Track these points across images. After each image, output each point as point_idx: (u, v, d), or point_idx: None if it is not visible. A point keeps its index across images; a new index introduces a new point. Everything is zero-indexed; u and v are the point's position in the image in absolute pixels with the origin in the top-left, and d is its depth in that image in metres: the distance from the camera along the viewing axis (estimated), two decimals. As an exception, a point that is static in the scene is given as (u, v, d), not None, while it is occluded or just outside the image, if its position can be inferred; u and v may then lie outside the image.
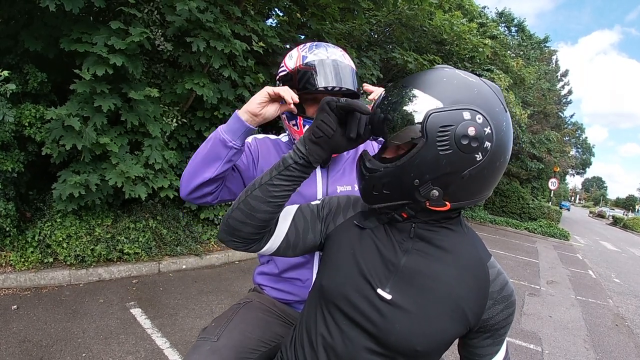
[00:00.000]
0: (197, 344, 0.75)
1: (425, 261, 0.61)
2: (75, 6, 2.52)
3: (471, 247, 0.63)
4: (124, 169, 2.83)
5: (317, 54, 0.84)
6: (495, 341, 0.63)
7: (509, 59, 7.85)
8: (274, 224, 0.65)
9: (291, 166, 0.59)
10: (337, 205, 0.70)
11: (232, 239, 0.63)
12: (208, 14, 2.95)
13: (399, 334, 0.58)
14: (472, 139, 0.52)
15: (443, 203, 0.57)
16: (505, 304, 0.61)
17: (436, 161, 0.53)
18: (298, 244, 0.67)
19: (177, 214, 3.65)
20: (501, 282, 0.62)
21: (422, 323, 0.58)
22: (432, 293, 0.59)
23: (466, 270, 0.61)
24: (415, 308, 0.58)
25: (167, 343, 2.14)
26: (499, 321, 0.61)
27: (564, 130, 19.27)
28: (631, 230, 20.79)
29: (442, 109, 0.53)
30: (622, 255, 9.73)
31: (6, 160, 2.68)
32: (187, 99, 3.49)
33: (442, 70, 0.58)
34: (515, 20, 14.02)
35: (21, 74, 2.89)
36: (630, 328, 3.66)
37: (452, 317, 0.59)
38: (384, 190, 0.58)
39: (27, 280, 2.65)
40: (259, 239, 0.64)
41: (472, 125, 0.52)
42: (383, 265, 0.62)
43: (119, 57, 2.67)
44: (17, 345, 1.95)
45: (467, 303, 0.59)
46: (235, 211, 0.61)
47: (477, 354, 0.64)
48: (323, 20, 4.50)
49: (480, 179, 0.56)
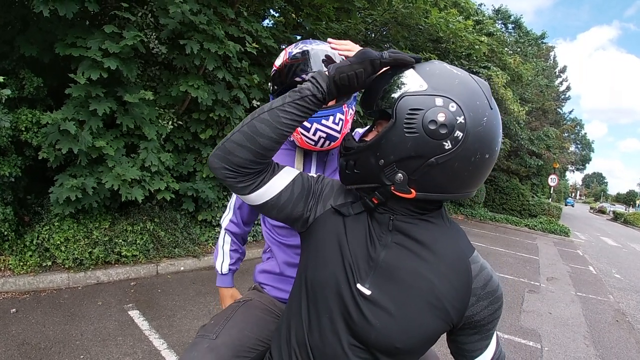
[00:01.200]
0: (196, 341, 0.75)
1: (405, 256, 0.59)
2: (69, 11, 2.53)
3: (453, 241, 0.61)
4: (120, 171, 2.84)
5: (303, 47, 0.86)
6: (483, 336, 0.62)
7: (506, 56, 7.86)
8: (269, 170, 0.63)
9: (308, 97, 0.58)
10: (331, 187, 0.68)
11: (224, 164, 0.58)
12: (201, 16, 2.96)
13: (379, 332, 0.57)
14: (441, 126, 0.52)
15: (408, 190, 0.56)
16: (489, 300, 0.59)
17: (401, 142, 0.53)
18: (286, 208, 0.64)
19: (175, 216, 3.66)
20: (485, 277, 0.59)
21: (401, 320, 0.57)
22: (411, 289, 0.57)
23: (447, 265, 0.59)
24: (394, 305, 0.57)
25: (165, 344, 2.14)
26: (485, 317, 0.59)
27: (563, 127, 19.25)
28: (632, 226, 20.73)
29: (416, 92, 0.54)
30: (622, 250, 9.70)
31: (4, 165, 2.69)
32: (183, 101, 3.50)
33: (431, 61, 0.59)
34: (512, 17, 14.01)
35: (17, 79, 2.91)
36: (631, 324, 3.66)
37: (433, 314, 0.57)
38: (355, 170, 0.59)
39: (25, 284, 2.66)
40: (251, 174, 0.60)
41: (443, 112, 0.52)
42: (363, 259, 0.60)
43: (114, 60, 2.68)
44: (16, 348, 1.96)
45: (448, 299, 0.57)
46: (237, 134, 0.58)
47: (466, 349, 0.63)
48: (318, 20, 4.51)
49: (450, 171, 0.54)
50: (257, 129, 0.57)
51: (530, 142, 11.88)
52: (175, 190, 3.36)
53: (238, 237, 1.06)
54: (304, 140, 0.86)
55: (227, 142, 0.59)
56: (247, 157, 0.58)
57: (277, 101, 0.59)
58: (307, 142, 0.86)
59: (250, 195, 0.62)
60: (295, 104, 0.58)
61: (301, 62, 0.83)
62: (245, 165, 0.59)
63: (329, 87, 0.58)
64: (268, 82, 4.08)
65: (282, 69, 0.86)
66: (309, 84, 0.58)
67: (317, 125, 0.83)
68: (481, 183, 0.60)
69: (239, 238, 1.06)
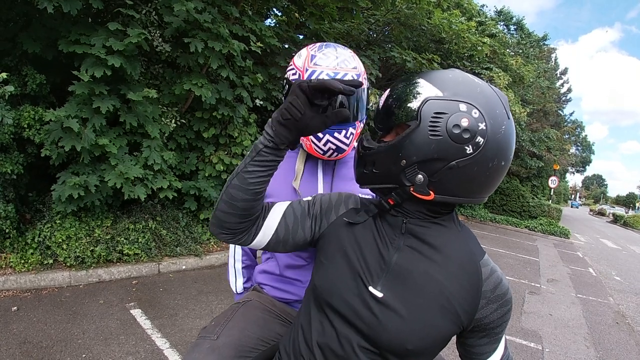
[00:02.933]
0: (197, 342, 0.76)
1: (417, 259, 0.60)
2: (73, 8, 2.52)
3: (464, 244, 0.62)
4: (123, 170, 2.83)
5: (326, 54, 0.84)
6: (491, 340, 0.63)
7: (508, 57, 7.86)
8: (261, 217, 0.65)
9: (262, 151, 0.59)
10: (329, 202, 0.70)
11: (220, 231, 0.63)
12: (206, 15, 2.95)
13: (390, 333, 0.58)
14: (464, 130, 0.53)
15: (427, 191, 0.57)
16: (499, 303, 0.60)
17: (425, 144, 0.54)
18: (288, 240, 0.67)
19: (177, 214, 3.65)
20: (495, 280, 0.61)
21: (413, 322, 0.58)
22: (423, 291, 0.58)
23: (458, 268, 0.60)
24: (406, 307, 0.58)
25: (167, 343, 2.14)
26: (494, 320, 0.60)
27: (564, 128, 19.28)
28: (631, 228, 20.76)
29: (440, 97, 0.55)
30: (622, 252, 9.72)
31: (5, 162, 2.68)
32: (186, 99, 3.49)
33: (452, 69, 0.60)
34: (514, 18, 14.01)
35: (20, 76, 2.89)
36: (631, 326, 3.66)
37: (444, 316, 0.58)
38: (374, 170, 0.60)
39: (27, 282, 2.65)
40: (246, 230, 0.64)
41: (466, 117, 0.54)
42: (375, 262, 0.61)
43: (117, 58, 2.67)
44: (17, 346, 1.96)
45: (458, 302, 0.58)
46: (220, 203, 0.62)
47: (474, 352, 0.64)
48: (321, 19, 4.50)
49: (469, 175, 0.56)
50: (233, 195, 0.60)
51: (531, 143, 11.88)
52: (178, 188, 3.35)
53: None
54: (313, 148, 0.87)
55: (216, 211, 0.63)
56: (235, 221, 0.62)
57: (241, 164, 0.61)
58: (316, 150, 0.87)
59: (253, 242, 0.66)
60: (255, 162, 0.59)
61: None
62: (236, 227, 0.63)
63: (276, 130, 0.58)
64: (271, 82, 4.09)
65: (303, 72, 0.84)
66: (261, 136, 0.60)
67: (329, 137, 0.84)
68: (493, 190, 0.62)
69: (249, 249, 1.06)
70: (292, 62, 0.89)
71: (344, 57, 0.84)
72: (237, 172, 0.61)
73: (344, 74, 0.82)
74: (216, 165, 3.68)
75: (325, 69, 0.82)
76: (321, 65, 0.82)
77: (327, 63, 0.82)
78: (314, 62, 0.83)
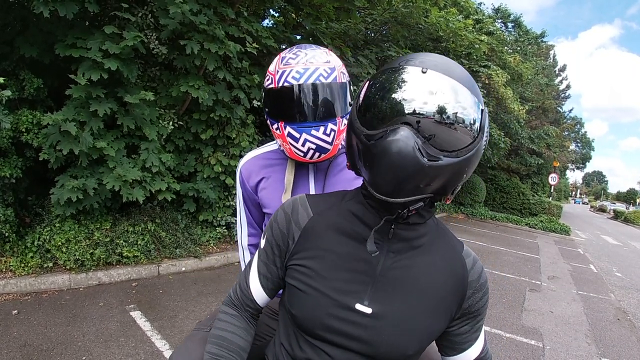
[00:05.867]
0: (191, 334, 0.77)
1: (403, 262, 0.58)
2: (69, 11, 2.53)
3: (445, 239, 0.62)
4: (121, 172, 2.83)
5: (297, 54, 0.81)
6: (473, 328, 0.63)
7: (506, 55, 7.86)
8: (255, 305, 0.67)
9: None
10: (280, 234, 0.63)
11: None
12: (201, 16, 2.96)
13: (389, 344, 0.56)
14: (483, 130, 0.55)
15: (451, 195, 0.58)
16: (483, 291, 0.62)
17: (479, 158, 0.54)
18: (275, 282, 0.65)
19: (176, 216, 3.65)
20: (478, 269, 0.62)
21: (408, 327, 0.57)
22: (413, 294, 0.58)
23: (444, 264, 0.60)
24: (399, 314, 0.57)
25: (167, 345, 2.14)
26: (479, 308, 0.62)
27: (563, 125, 19.25)
28: (632, 224, 20.73)
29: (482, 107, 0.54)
30: (623, 249, 9.70)
31: (4, 166, 2.69)
32: (183, 101, 3.50)
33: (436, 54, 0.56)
34: (511, 15, 14.01)
35: (17, 80, 2.90)
36: (632, 322, 3.65)
37: (437, 315, 0.58)
38: (430, 184, 0.51)
39: (27, 285, 2.66)
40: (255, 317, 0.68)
41: (486, 119, 0.55)
42: (358, 275, 0.57)
43: (114, 61, 2.68)
44: (17, 349, 1.96)
45: (448, 297, 0.59)
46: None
47: (457, 341, 0.63)
48: (318, 19, 4.50)
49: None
50: None
51: (530, 140, 11.88)
52: (176, 190, 3.36)
53: None
54: (293, 151, 0.82)
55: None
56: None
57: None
58: (295, 153, 0.82)
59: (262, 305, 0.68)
60: None
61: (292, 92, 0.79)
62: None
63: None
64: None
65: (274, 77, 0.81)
66: None
67: (306, 135, 0.79)
68: None
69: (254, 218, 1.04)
70: (268, 71, 0.87)
71: (315, 54, 0.82)
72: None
73: (314, 68, 0.79)
74: (214, 167, 3.69)
75: (295, 66, 0.79)
76: (290, 64, 0.80)
77: (296, 61, 0.80)
78: (283, 63, 0.81)
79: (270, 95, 0.84)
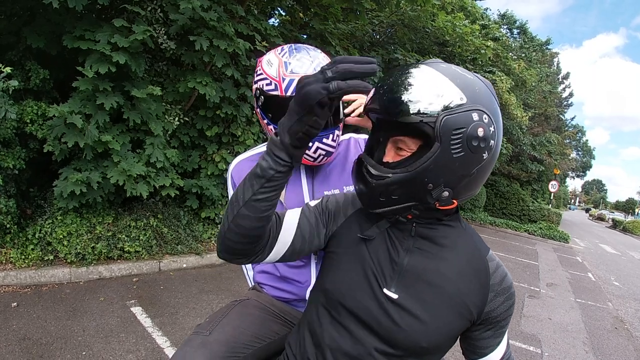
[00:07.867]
0: (190, 337, 0.76)
1: (427, 259, 0.62)
2: (78, 3, 2.51)
3: (470, 242, 0.64)
4: (125, 167, 2.82)
5: (300, 60, 0.80)
6: (496, 333, 0.64)
7: (510, 61, 7.86)
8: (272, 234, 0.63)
9: (274, 177, 0.53)
10: (336, 205, 0.70)
11: (233, 257, 0.61)
12: (211, 13, 2.95)
13: (407, 333, 0.59)
14: (481, 140, 0.54)
15: (451, 202, 0.58)
16: (505, 296, 0.63)
17: (450, 164, 0.54)
18: (304, 250, 0.66)
19: (178, 212, 3.64)
20: (501, 274, 0.63)
21: (427, 320, 0.59)
22: (435, 290, 0.60)
23: (467, 264, 0.62)
24: (420, 306, 0.60)
25: (168, 342, 2.13)
26: (501, 313, 0.63)
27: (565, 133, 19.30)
28: (631, 234, 20.78)
29: (453, 111, 0.52)
30: (621, 258, 9.73)
31: (7, 157, 2.67)
32: (190, 97, 3.49)
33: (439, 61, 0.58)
34: (517, 22, 14.02)
35: (23, 71, 2.88)
36: (629, 331, 3.66)
37: (457, 312, 0.60)
38: (392, 196, 0.57)
39: (27, 278, 2.64)
40: (260, 251, 0.62)
41: (481, 126, 0.53)
42: (387, 265, 0.62)
43: (122, 55, 2.66)
44: (16, 343, 1.95)
45: (469, 297, 0.60)
46: (228, 232, 0.58)
47: (479, 346, 0.65)
48: (325, 20, 4.49)
49: (482, 175, 0.58)
50: (244, 226, 0.56)
51: (532, 147, 11.90)
52: (180, 186, 3.35)
53: None
54: (304, 157, 0.84)
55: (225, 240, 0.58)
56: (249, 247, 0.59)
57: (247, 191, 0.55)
58: (306, 159, 0.84)
59: (268, 258, 0.64)
60: (266, 188, 0.54)
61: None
62: (251, 252, 0.60)
63: (290, 153, 0.53)
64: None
65: (280, 81, 0.79)
66: (268, 161, 0.54)
67: (319, 144, 0.82)
68: None
69: None
70: (260, 69, 0.83)
71: (319, 60, 0.81)
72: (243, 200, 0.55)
73: None
74: (218, 164, 3.68)
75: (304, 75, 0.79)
76: (298, 72, 0.78)
77: (304, 70, 0.79)
78: (290, 70, 0.79)
79: (277, 102, 0.81)
